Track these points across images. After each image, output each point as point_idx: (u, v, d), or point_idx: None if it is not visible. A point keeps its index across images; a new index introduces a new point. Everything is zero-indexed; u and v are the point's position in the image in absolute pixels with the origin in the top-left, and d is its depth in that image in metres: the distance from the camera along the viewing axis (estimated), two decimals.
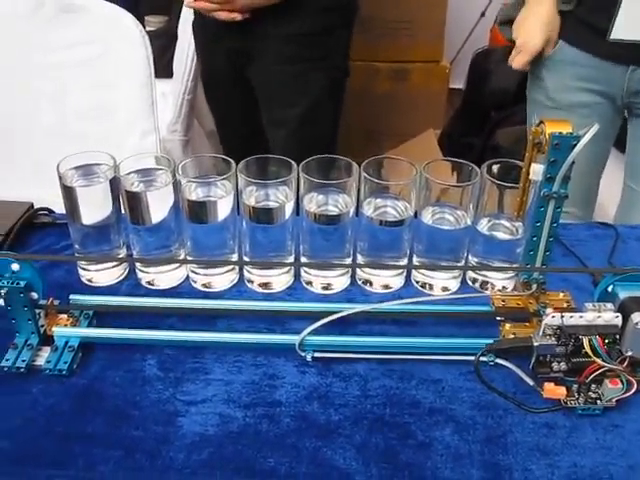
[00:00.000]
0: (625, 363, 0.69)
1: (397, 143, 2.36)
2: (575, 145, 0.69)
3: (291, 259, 0.85)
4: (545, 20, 1.27)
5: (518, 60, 1.32)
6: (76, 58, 1.38)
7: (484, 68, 2.24)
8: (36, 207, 0.98)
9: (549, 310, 0.69)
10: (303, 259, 0.85)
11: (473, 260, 0.86)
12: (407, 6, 2.34)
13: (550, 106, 1.35)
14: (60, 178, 0.80)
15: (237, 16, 1.34)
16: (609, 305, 0.69)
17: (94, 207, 0.83)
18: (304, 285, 0.86)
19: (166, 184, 0.80)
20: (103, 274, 0.86)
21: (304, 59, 1.44)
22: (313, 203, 0.80)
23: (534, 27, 1.28)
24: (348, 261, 0.85)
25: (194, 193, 0.80)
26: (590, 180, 1.42)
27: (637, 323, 0.67)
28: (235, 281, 0.86)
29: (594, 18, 1.22)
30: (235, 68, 1.49)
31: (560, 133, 0.69)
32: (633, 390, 0.69)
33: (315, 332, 0.74)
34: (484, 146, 2.18)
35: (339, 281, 0.85)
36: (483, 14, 2.70)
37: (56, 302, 0.78)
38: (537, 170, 0.72)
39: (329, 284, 0.85)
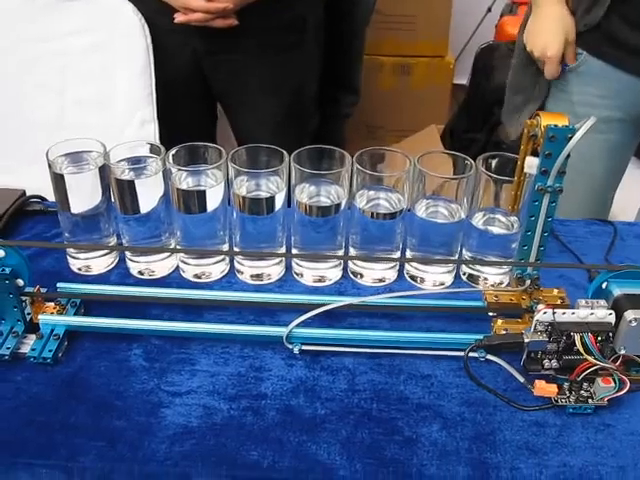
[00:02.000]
0: (618, 362, 0.68)
1: (400, 138, 2.35)
2: (571, 138, 0.68)
3: (282, 251, 0.84)
4: (557, 21, 1.21)
5: (548, 72, 1.25)
6: (75, 47, 1.36)
7: (488, 63, 2.22)
8: (29, 195, 0.98)
9: (541, 306, 0.68)
10: (294, 251, 0.83)
11: (467, 255, 0.85)
12: (412, 0, 2.32)
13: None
14: (50, 165, 0.79)
15: (234, 21, 1.30)
16: (602, 302, 0.68)
17: (84, 195, 0.82)
18: (295, 277, 0.85)
19: (156, 172, 0.79)
20: (92, 263, 0.85)
21: (287, 47, 1.42)
22: (305, 194, 0.79)
23: (547, 32, 1.22)
24: (340, 254, 0.83)
25: (184, 182, 0.79)
26: (605, 195, 1.38)
27: (631, 321, 0.66)
28: (225, 272, 0.85)
29: (621, 34, 1.18)
30: (198, 72, 1.43)
31: (556, 125, 0.68)
32: (626, 389, 0.67)
33: (304, 324, 0.73)
34: (487, 142, 2.16)
35: (330, 273, 0.84)
36: (489, 9, 2.67)
37: (43, 290, 0.77)
38: (532, 163, 0.71)
39: (320, 276, 0.83)
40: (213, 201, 0.79)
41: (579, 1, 1.18)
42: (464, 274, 0.86)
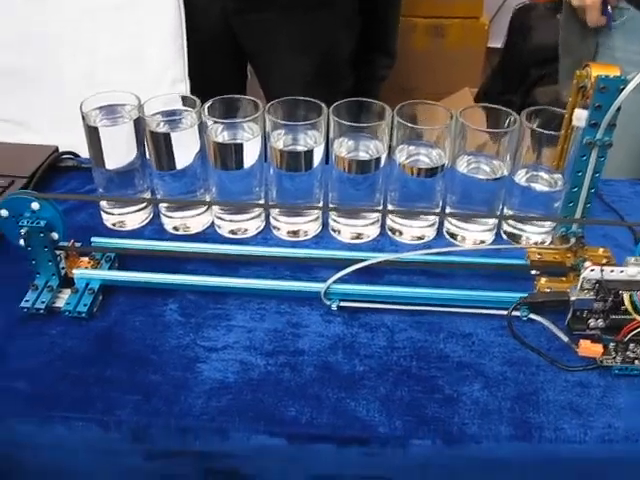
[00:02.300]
0: None
1: (433, 101, 2.31)
2: (623, 89, 0.65)
3: (319, 207, 0.82)
4: None
5: (590, 20, 1.19)
6: (106, 4, 1.35)
7: (525, 23, 2.17)
8: (61, 151, 0.97)
9: (588, 263, 0.66)
10: (332, 207, 0.82)
11: (508, 213, 0.82)
12: None
13: None
14: (84, 118, 0.78)
15: None
16: None
17: (118, 150, 0.81)
18: (332, 234, 0.83)
19: (191, 125, 0.77)
20: (127, 218, 0.84)
21: (317, 5, 1.39)
22: (343, 148, 0.77)
23: None
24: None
25: (220, 135, 0.77)
26: None
27: None
28: (261, 228, 0.84)
29: None
30: (228, 30, 1.41)
31: (607, 76, 0.65)
32: None
33: (342, 281, 0.71)
34: (522, 104, 2.12)
35: (368, 230, 0.82)
36: None
37: (78, 244, 0.76)
38: (580, 115, 0.68)
39: (358, 234, 0.82)
40: (250, 156, 0.77)
41: None
42: (505, 233, 0.83)
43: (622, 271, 0.65)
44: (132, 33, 1.36)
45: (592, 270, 0.64)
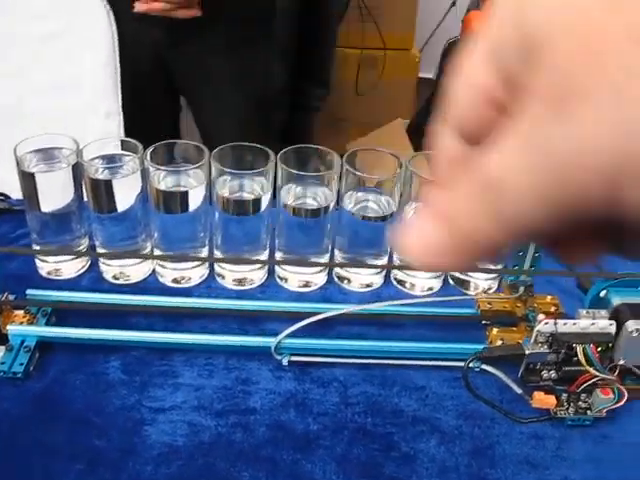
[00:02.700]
0: (616, 372, 0.66)
1: (364, 132, 2.32)
2: None
3: (266, 254, 0.80)
4: None
5: None
6: (37, 33, 1.30)
7: (457, 58, 2.21)
8: None
9: (541, 316, 0.66)
10: (279, 254, 0.80)
11: None
12: None
13: None
14: (18, 163, 0.74)
15: (197, 12, 1.23)
16: (603, 312, 0.66)
17: (54, 194, 0.77)
18: (279, 282, 0.81)
19: (133, 171, 0.74)
20: (63, 266, 0.80)
21: (255, 38, 1.38)
22: (291, 195, 0.75)
23: None
24: (326, 257, 0.80)
25: (163, 182, 0.75)
26: None
27: (632, 331, 0.64)
28: (205, 276, 0.81)
29: None
30: (160, 63, 1.38)
31: None
32: (624, 400, 0.65)
33: (292, 334, 0.69)
34: None
35: (316, 278, 0.80)
36: (454, 3, 2.65)
37: (11, 297, 0.72)
38: None
39: (306, 281, 0.80)
40: (194, 202, 0.75)
41: None
42: (452, 278, 0.83)
43: (575, 323, 0.64)
44: (63, 62, 1.32)
45: (546, 323, 0.64)
